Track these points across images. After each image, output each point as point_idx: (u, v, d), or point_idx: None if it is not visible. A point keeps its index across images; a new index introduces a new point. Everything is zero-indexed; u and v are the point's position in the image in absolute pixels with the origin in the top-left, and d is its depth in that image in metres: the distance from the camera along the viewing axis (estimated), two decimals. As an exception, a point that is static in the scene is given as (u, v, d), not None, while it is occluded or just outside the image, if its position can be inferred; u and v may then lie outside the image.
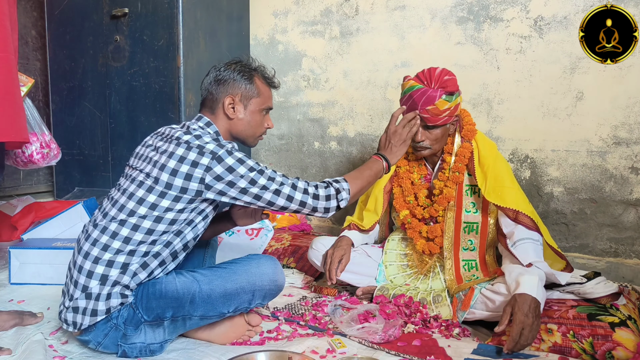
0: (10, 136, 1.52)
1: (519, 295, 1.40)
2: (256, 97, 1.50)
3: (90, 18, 2.83)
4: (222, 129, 1.49)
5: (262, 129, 1.56)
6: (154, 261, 1.36)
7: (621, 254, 2.12)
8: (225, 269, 1.44)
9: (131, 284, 1.34)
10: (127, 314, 1.34)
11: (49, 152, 1.94)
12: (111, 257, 1.33)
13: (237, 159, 1.35)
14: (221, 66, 1.50)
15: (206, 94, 1.50)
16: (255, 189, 1.35)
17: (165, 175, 1.33)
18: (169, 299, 1.35)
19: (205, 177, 1.32)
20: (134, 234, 1.33)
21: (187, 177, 1.32)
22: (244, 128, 1.51)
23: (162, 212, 1.33)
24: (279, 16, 2.96)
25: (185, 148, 1.34)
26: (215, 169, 1.32)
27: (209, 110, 1.50)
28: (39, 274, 1.98)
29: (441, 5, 2.43)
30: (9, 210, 2.60)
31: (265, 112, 1.55)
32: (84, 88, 2.91)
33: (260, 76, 1.53)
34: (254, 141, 1.56)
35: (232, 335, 1.50)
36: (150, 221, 1.33)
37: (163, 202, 1.33)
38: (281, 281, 1.49)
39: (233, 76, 1.47)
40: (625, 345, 1.33)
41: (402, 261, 1.90)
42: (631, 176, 2.07)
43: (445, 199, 1.78)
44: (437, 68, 1.72)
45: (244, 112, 1.49)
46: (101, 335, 1.35)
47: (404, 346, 1.46)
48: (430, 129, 1.74)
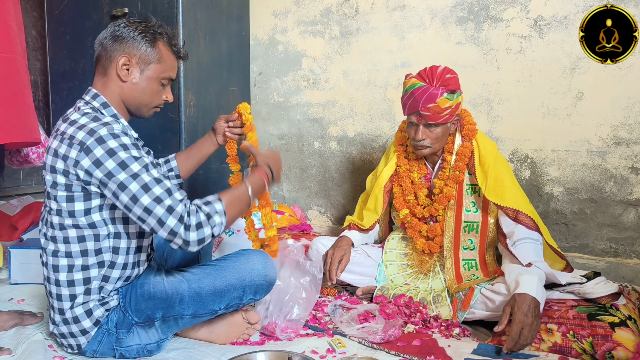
0: (21, 137, 1.53)
1: (518, 295, 1.40)
2: (156, 62, 1.34)
3: (90, 18, 2.83)
4: (113, 95, 1.33)
5: (159, 100, 1.40)
6: (113, 270, 1.31)
7: (621, 254, 2.12)
8: (214, 266, 1.41)
9: (103, 294, 1.32)
10: (117, 318, 1.33)
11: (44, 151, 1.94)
12: (68, 277, 1.28)
13: (106, 149, 1.18)
14: (122, 22, 1.33)
15: (100, 50, 1.33)
16: (124, 196, 1.17)
17: (48, 175, 1.25)
18: (157, 299, 1.33)
19: (78, 174, 1.20)
20: (70, 246, 1.27)
21: (65, 174, 1.21)
22: (137, 95, 1.34)
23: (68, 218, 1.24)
24: (279, 16, 2.97)
25: (60, 141, 1.23)
26: (82, 162, 1.18)
27: (102, 71, 1.34)
28: (39, 274, 1.97)
29: (441, 5, 2.43)
30: (9, 210, 2.60)
31: (165, 83, 1.39)
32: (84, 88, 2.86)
33: (166, 42, 1.37)
34: (147, 112, 1.40)
35: (232, 334, 1.50)
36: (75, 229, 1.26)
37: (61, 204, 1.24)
38: (272, 275, 1.44)
39: (133, 35, 1.30)
40: (625, 345, 1.33)
41: (402, 261, 1.91)
42: (631, 176, 2.07)
43: (445, 198, 1.78)
44: (440, 66, 1.72)
45: (140, 76, 1.33)
46: (95, 343, 1.33)
47: (404, 346, 1.46)
48: (431, 128, 1.74)
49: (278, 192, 3.07)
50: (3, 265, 2.11)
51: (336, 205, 2.88)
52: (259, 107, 3.10)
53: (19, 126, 1.51)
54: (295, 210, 2.86)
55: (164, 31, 1.37)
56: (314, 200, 2.96)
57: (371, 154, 2.72)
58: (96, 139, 1.18)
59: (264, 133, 3.10)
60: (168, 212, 1.17)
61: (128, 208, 1.19)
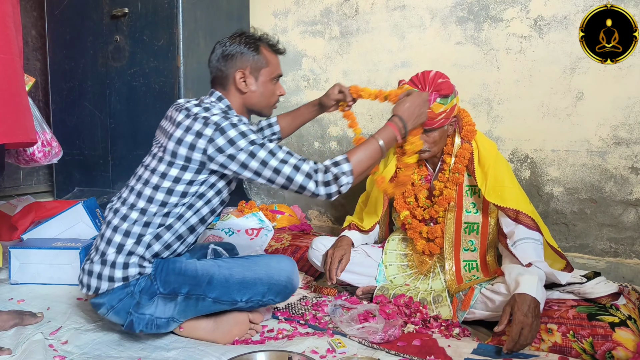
0: (18, 137, 1.53)
1: (518, 295, 1.40)
2: (265, 67, 1.51)
3: (90, 18, 2.83)
4: (236, 104, 1.50)
5: (275, 97, 1.57)
6: (167, 233, 1.42)
7: (621, 254, 2.12)
8: (246, 259, 1.51)
9: (146, 254, 1.40)
10: (145, 284, 1.39)
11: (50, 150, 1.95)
12: (128, 227, 1.39)
13: (240, 131, 1.35)
14: (226, 41, 1.50)
15: (215, 72, 1.51)
16: (254, 163, 1.34)
17: (171, 144, 1.38)
18: (187, 276, 1.41)
19: (207, 148, 1.34)
20: (149, 205, 1.40)
21: (190, 147, 1.36)
22: (258, 100, 1.52)
23: (172, 183, 1.38)
24: (279, 16, 2.96)
25: (192, 119, 1.37)
26: (217, 140, 1.34)
27: (221, 87, 1.51)
28: (39, 273, 1.98)
29: (441, 5, 2.43)
30: (9, 210, 2.60)
31: (275, 80, 1.56)
32: (84, 88, 2.91)
33: (266, 45, 1.53)
34: (269, 111, 1.58)
35: (235, 333, 1.51)
36: (163, 193, 1.39)
37: (171, 172, 1.38)
38: (296, 282, 1.53)
39: (240, 49, 1.47)
40: (625, 345, 1.33)
41: (402, 261, 1.90)
42: (631, 176, 2.07)
43: (445, 200, 1.78)
44: (431, 71, 1.72)
45: (256, 84, 1.50)
46: (116, 299, 1.39)
47: (404, 346, 1.46)
48: (428, 132, 1.73)
49: (278, 192, 3.07)
50: (3, 265, 2.11)
51: (336, 205, 2.88)
52: (259, 107, 3.10)
53: (16, 127, 1.51)
54: (295, 210, 2.86)
55: (261, 36, 1.54)
56: (314, 200, 2.96)
57: (371, 154, 2.71)
58: (230, 123, 1.36)
59: (264, 133, 3.10)
60: (295, 170, 1.35)
61: (258, 173, 1.35)
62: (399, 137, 1.48)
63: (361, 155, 1.41)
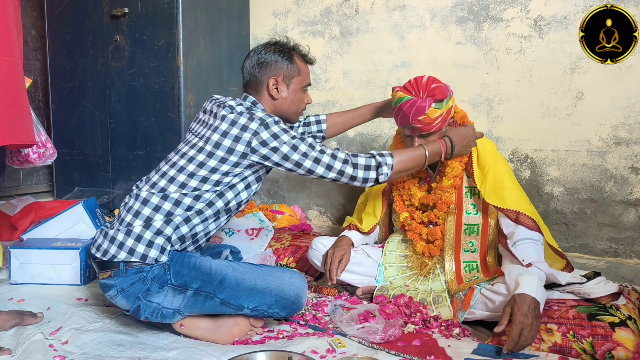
0: (19, 139, 1.53)
1: (518, 295, 1.40)
2: (297, 75, 1.60)
3: (90, 18, 2.83)
4: (267, 109, 1.59)
5: (303, 105, 1.65)
6: (196, 218, 1.47)
7: (621, 254, 2.12)
8: (260, 267, 1.53)
9: (173, 237, 1.44)
10: (158, 272, 1.41)
11: (45, 151, 1.94)
12: (159, 203, 1.44)
13: (282, 128, 1.45)
14: (261, 49, 1.59)
15: (249, 77, 1.59)
16: (296, 155, 1.44)
17: (216, 136, 1.45)
18: (200, 272, 1.43)
19: (252, 141, 1.42)
20: (180, 190, 1.45)
21: (235, 139, 1.43)
22: (288, 106, 1.61)
23: (208, 172, 1.44)
24: (279, 16, 2.97)
25: (237, 113, 1.45)
26: (262, 134, 1.42)
27: (253, 91, 1.59)
28: (39, 273, 1.98)
29: (441, 5, 2.43)
30: (9, 210, 2.60)
31: (305, 89, 1.64)
32: (84, 88, 2.91)
33: (299, 54, 1.62)
34: (296, 117, 1.67)
35: (235, 334, 1.50)
36: (197, 181, 1.44)
37: (210, 162, 1.44)
38: (304, 300, 1.55)
39: (275, 58, 1.56)
40: (625, 345, 1.33)
41: (401, 263, 1.90)
42: (631, 176, 2.07)
43: (444, 204, 1.77)
44: (424, 76, 1.71)
45: (287, 91, 1.59)
46: (127, 282, 1.41)
47: (404, 346, 1.46)
48: (426, 137, 1.73)
49: (278, 192, 3.07)
50: (3, 265, 2.11)
51: (336, 205, 2.88)
52: (259, 107, 3.10)
53: (17, 128, 1.51)
54: (295, 210, 2.86)
55: (294, 46, 1.63)
56: (314, 200, 2.96)
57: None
58: (274, 120, 1.46)
59: (264, 133, 3.10)
60: (332, 158, 1.47)
61: (299, 164, 1.46)
62: (444, 154, 1.63)
63: (405, 155, 1.56)
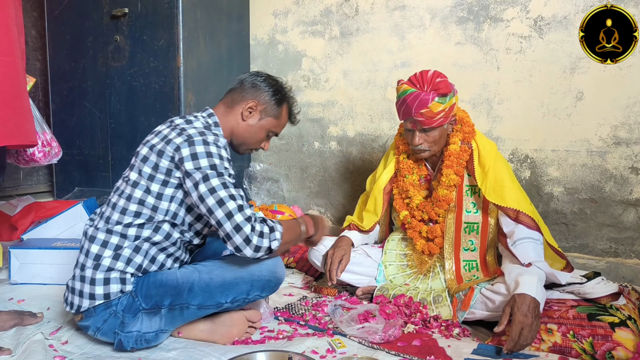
0: (19, 140, 1.53)
1: (518, 295, 1.40)
2: (273, 117, 1.57)
3: (90, 18, 2.83)
4: (228, 125, 1.53)
5: (258, 145, 1.61)
6: (146, 244, 1.39)
7: (621, 254, 2.12)
8: (226, 260, 1.48)
9: (128, 269, 1.37)
10: (127, 302, 1.37)
11: (50, 150, 1.95)
12: (105, 237, 1.38)
13: (207, 150, 1.35)
14: (264, 76, 1.58)
15: (237, 86, 1.57)
16: (203, 187, 1.31)
17: (145, 149, 1.40)
18: (168, 287, 1.38)
19: (174, 156, 1.35)
20: (122, 217, 1.38)
21: (159, 154, 1.37)
22: (247, 135, 1.56)
23: (143, 193, 1.37)
24: (279, 16, 2.96)
25: (171, 128, 1.42)
26: (183, 150, 1.34)
27: (230, 102, 1.55)
28: (39, 273, 1.98)
29: (441, 5, 2.43)
30: (9, 210, 2.60)
31: (270, 135, 1.61)
32: (84, 88, 2.91)
33: (289, 106, 1.62)
34: (245, 150, 1.61)
35: (234, 333, 1.50)
36: (135, 203, 1.37)
37: (143, 181, 1.37)
38: (280, 274, 1.49)
39: (268, 90, 1.55)
40: (625, 345, 1.33)
41: (401, 261, 1.90)
42: (631, 176, 2.07)
43: (444, 202, 1.78)
44: (429, 71, 1.72)
45: (256, 122, 1.55)
46: (100, 321, 1.37)
47: (404, 346, 1.46)
48: (427, 132, 1.73)
49: (278, 192, 3.07)
50: (3, 265, 2.11)
51: (336, 205, 2.88)
52: (259, 107, 3.10)
53: (17, 129, 1.51)
54: (295, 210, 2.86)
55: (291, 96, 1.63)
56: (314, 200, 2.96)
57: (371, 154, 2.72)
58: (203, 139, 1.36)
59: (264, 133, 3.10)
60: (238, 210, 1.30)
61: (202, 198, 1.31)
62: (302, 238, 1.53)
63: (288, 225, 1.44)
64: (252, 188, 3.11)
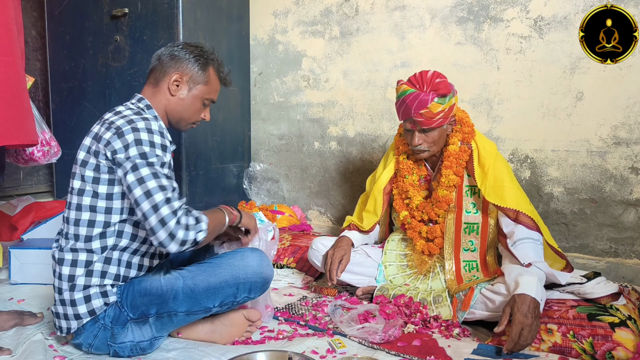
0: (19, 139, 1.54)
1: (518, 295, 1.40)
2: (203, 84, 1.48)
3: (90, 18, 2.83)
4: (159, 105, 1.46)
5: (198, 117, 1.52)
6: (115, 253, 1.35)
7: (621, 254, 2.12)
8: (209, 264, 1.43)
9: (106, 282, 1.34)
10: (114, 313, 1.35)
11: (49, 149, 1.95)
12: (73, 257, 1.34)
13: (136, 138, 1.28)
14: (181, 45, 1.48)
15: (156, 63, 1.47)
16: (132, 176, 1.25)
17: (82, 154, 1.35)
18: (152, 295, 1.35)
19: (107, 152, 1.29)
20: (78, 229, 1.33)
21: (95, 154, 1.32)
22: (181, 109, 1.47)
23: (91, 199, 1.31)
24: (279, 16, 2.96)
25: (101, 125, 1.36)
26: (113, 143, 1.28)
27: (154, 81, 1.47)
28: (39, 274, 1.98)
29: (441, 5, 2.43)
30: (9, 210, 2.60)
31: (206, 103, 1.52)
32: (84, 88, 2.91)
33: (215, 68, 1.51)
34: (185, 126, 1.52)
35: (234, 334, 1.50)
36: (87, 211, 1.32)
37: (88, 186, 1.32)
38: (267, 273, 1.45)
39: (188, 57, 1.45)
40: (625, 345, 1.33)
41: (401, 261, 1.90)
42: (631, 176, 2.07)
43: (444, 202, 1.78)
44: (429, 71, 1.72)
45: (187, 94, 1.46)
46: (91, 336, 1.35)
47: (404, 346, 1.46)
48: (427, 132, 1.73)
49: (278, 192, 3.08)
50: (3, 265, 2.12)
51: (336, 205, 2.88)
52: (259, 107, 3.10)
53: (17, 128, 1.52)
54: (295, 210, 2.86)
55: (215, 58, 1.51)
56: (314, 200, 2.96)
57: (371, 154, 2.72)
58: (131, 127, 1.30)
59: (263, 133, 3.10)
60: (165, 202, 1.23)
61: (130, 189, 1.25)
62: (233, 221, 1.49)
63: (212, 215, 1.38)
64: (252, 188, 3.11)
